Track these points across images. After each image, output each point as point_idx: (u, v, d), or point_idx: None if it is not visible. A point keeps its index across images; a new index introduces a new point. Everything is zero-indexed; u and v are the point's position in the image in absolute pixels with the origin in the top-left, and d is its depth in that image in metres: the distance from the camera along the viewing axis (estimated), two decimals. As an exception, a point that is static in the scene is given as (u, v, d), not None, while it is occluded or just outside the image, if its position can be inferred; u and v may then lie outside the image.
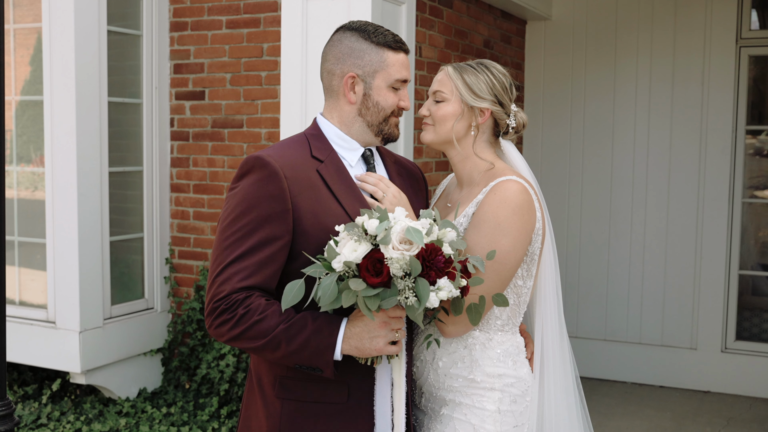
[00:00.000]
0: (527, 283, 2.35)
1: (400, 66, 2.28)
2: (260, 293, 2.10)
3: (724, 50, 5.81)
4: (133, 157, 5.08)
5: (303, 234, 2.13)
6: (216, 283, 2.11)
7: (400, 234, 1.95)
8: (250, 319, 2.06)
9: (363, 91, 2.26)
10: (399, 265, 1.93)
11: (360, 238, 1.97)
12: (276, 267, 2.13)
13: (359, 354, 2.07)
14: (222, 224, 2.16)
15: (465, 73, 2.38)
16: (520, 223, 2.24)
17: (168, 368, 5.19)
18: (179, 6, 5.16)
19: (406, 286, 1.94)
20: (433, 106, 2.41)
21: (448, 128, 2.38)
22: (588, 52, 6.26)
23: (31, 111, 4.78)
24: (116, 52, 4.89)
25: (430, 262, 1.95)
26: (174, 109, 5.23)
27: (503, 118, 2.40)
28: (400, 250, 1.93)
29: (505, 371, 2.30)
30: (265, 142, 4.98)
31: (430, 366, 2.35)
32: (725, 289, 5.93)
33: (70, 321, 4.62)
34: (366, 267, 1.94)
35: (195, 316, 5.09)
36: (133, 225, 5.10)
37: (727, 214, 5.88)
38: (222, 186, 5.12)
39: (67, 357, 4.64)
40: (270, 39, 4.92)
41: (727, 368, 5.94)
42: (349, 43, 2.27)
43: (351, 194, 2.22)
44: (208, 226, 5.18)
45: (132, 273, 5.11)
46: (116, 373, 4.91)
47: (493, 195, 2.27)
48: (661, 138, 6.06)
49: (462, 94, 2.36)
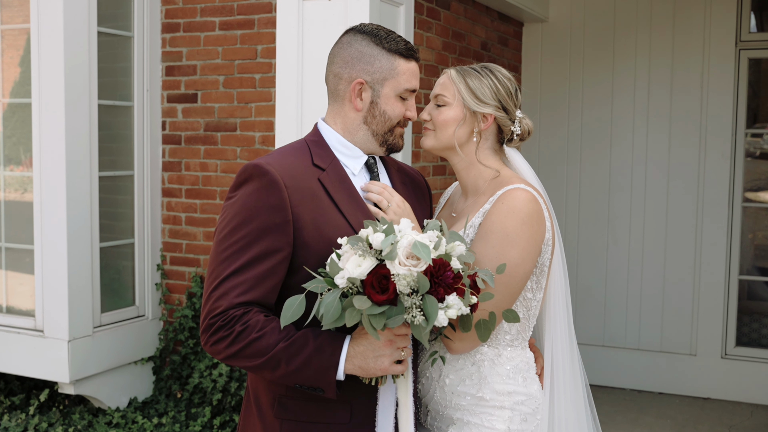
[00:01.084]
0: (537, 296, 2.25)
1: (411, 75, 2.18)
2: (259, 309, 2.01)
3: (723, 53, 5.75)
4: (124, 160, 4.98)
5: (304, 246, 2.03)
6: (212, 298, 2.01)
7: (407, 248, 1.86)
8: (248, 337, 1.96)
9: (370, 99, 2.16)
10: (406, 281, 1.83)
11: (364, 253, 1.87)
12: (275, 281, 2.03)
13: (363, 374, 1.97)
14: (218, 236, 2.06)
15: (468, 77, 2.29)
16: (529, 234, 2.15)
17: (159, 377, 5.09)
18: (171, 7, 5.06)
19: (413, 303, 1.84)
20: (434, 111, 2.31)
21: (449, 134, 2.28)
22: (585, 54, 6.19)
23: (21, 113, 4.68)
24: (107, 54, 4.80)
25: (439, 279, 1.85)
26: (166, 112, 5.13)
27: (507, 125, 2.31)
28: (407, 265, 1.84)
29: (515, 388, 2.20)
30: (259, 146, 4.89)
31: (437, 383, 2.26)
32: (725, 294, 5.87)
33: (59, 329, 4.51)
34: (371, 283, 1.84)
35: (187, 323, 4.98)
36: (123, 230, 5.00)
37: (726, 219, 5.82)
38: (215, 191, 5.02)
39: (56, 366, 4.53)
40: (264, 41, 4.83)
41: (728, 375, 5.87)
42: (360, 47, 2.17)
43: (354, 204, 2.13)
44: (201, 232, 5.08)
45: (122, 280, 5.01)
46: (106, 382, 4.80)
47: (500, 204, 2.17)
48: (660, 142, 5.99)
49: (464, 99, 2.26)
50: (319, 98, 3.63)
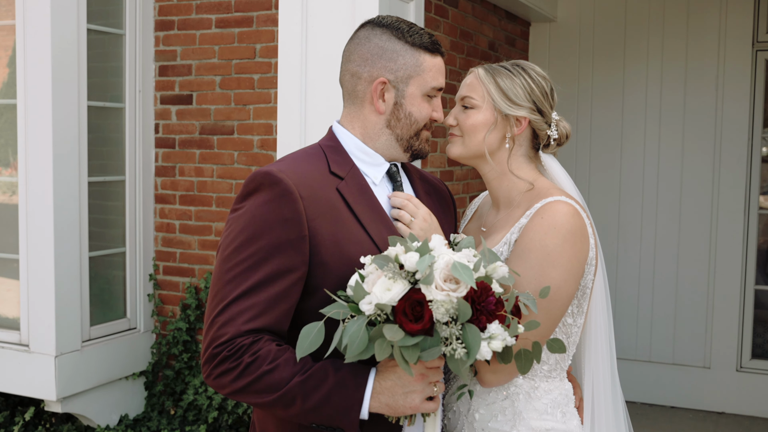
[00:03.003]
0: (578, 321, 2.02)
1: (437, 72, 1.95)
2: (270, 337, 1.77)
3: (739, 54, 5.54)
4: (115, 165, 4.76)
5: (321, 265, 1.79)
6: (216, 324, 1.77)
7: (445, 270, 1.62)
8: (259, 369, 1.72)
9: (394, 100, 1.93)
10: (444, 308, 1.59)
11: (395, 275, 1.63)
12: (289, 305, 1.79)
13: (390, 412, 1.73)
14: (223, 253, 1.82)
15: (498, 76, 2.05)
16: (572, 252, 1.91)
17: (152, 392, 4.84)
18: (165, 3, 4.85)
19: (452, 334, 1.60)
20: (461, 115, 2.07)
21: (478, 140, 2.04)
22: (595, 55, 5.98)
23: (8, 114, 4.45)
24: (97, 53, 4.59)
25: (481, 305, 1.61)
26: (159, 114, 4.90)
27: (543, 129, 2.08)
28: (446, 290, 1.60)
29: (553, 425, 1.97)
30: (258, 150, 4.65)
31: (465, 418, 2.02)
32: (740, 304, 5.67)
33: (45, 344, 4.27)
34: (403, 310, 1.60)
35: (181, 336, 4.74)
36: (114, 239, 4.77)
37: (742, 226, 5.61)
38: (210, 197, 4.79)
39: (42, 383, 4.28)
40: (263, 39, 4.60)
41: (743, 388, 5.67)
42: (380, 42, 1.93)
43: (377, 218, 1.89)
44: (196, 240, 4.84)
45: (113, 291, 4.78)
46: (95, 399, 4.56)
47: (539, 219, 1.93)
48: (673, 146, 5.78)
49: (495, 101, 2.03)
50: (325, 99, 3.41)
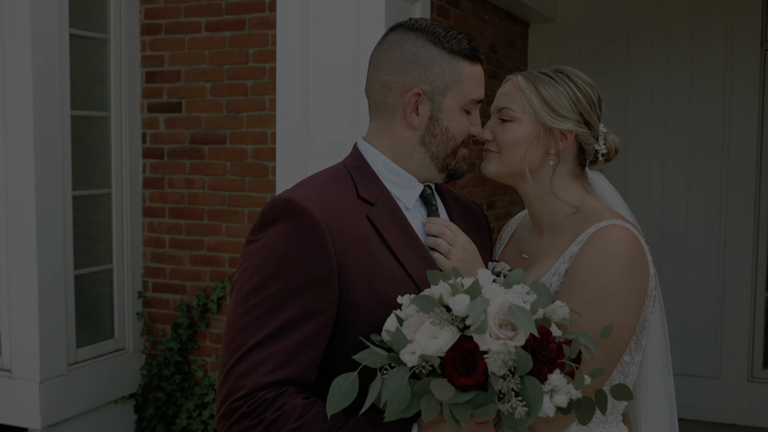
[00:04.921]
0: (635, 359, 1.81)
1: (477, 82, 1.73)
2: (295, 389, 1.54)
3: (747, 55, 5.37)
4: (100, 177, 4.55)
5: (351, 305, 1.57)
6: (233, 374, 1.54)
7: (500, 315, 1.40)
8: (284, 428, 1.50)
9: (429, 113, 1.71)
10: (501, 360, 1.37)
11: (441, 321, 1.41)
12: (316, 352, 1.57)
13: (434, 475, 1.51)
14: (239, 293, 1.59)
15: (540, 85, 1.84)
16: (632, 284, 1.70)
17: (142, 416, 4.61)
18: (151, 6, 4.62)
19: (509, 388, 1.38)
20: (498, 128, 1.85)
21: (519, 157, 1.83)
22: (597, 57, 5.79)
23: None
24: (80, 59, 4.38)
25: (542, 354, 1.39)
26: (146, 122, 4.69)
27: (591, 143, 1.87)
28: (502, 338, 1.38)
29: (609, 473, 1.76)
30: (252, 160, 4.42)
31: (511, 468, 1.80)
32: (751, 312, 5.50)
33: (29, 370, 4.04)
34: (453, 362, 1.38)
35: (172, 357, 4.51)
36: (100, 255, 4.55)
37: (752, 232, 5.45)
38: (202, 210, 4.55)
39: (26, 411, 4.06)
40: (257, 43, 4.38)
41: (754, 399, 5.50)
42: (413, 48, 1.71)
43: (413, 248, 1.67)
44: (187, 255, 4.60)
45: (100, 309, 4.54)
46: (83, 425, 4.33)
47: (593, 247, 1.72)
48: (679, 151, 5.60)
49: (537, 112, 1.81)
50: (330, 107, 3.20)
